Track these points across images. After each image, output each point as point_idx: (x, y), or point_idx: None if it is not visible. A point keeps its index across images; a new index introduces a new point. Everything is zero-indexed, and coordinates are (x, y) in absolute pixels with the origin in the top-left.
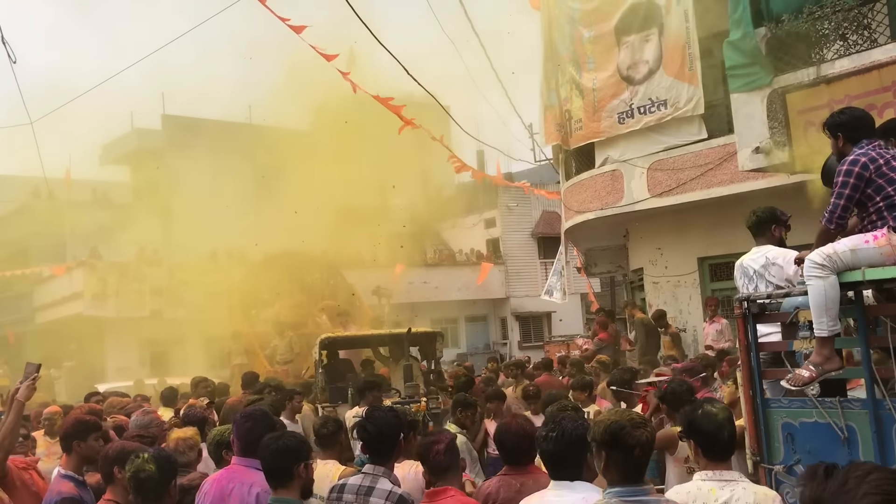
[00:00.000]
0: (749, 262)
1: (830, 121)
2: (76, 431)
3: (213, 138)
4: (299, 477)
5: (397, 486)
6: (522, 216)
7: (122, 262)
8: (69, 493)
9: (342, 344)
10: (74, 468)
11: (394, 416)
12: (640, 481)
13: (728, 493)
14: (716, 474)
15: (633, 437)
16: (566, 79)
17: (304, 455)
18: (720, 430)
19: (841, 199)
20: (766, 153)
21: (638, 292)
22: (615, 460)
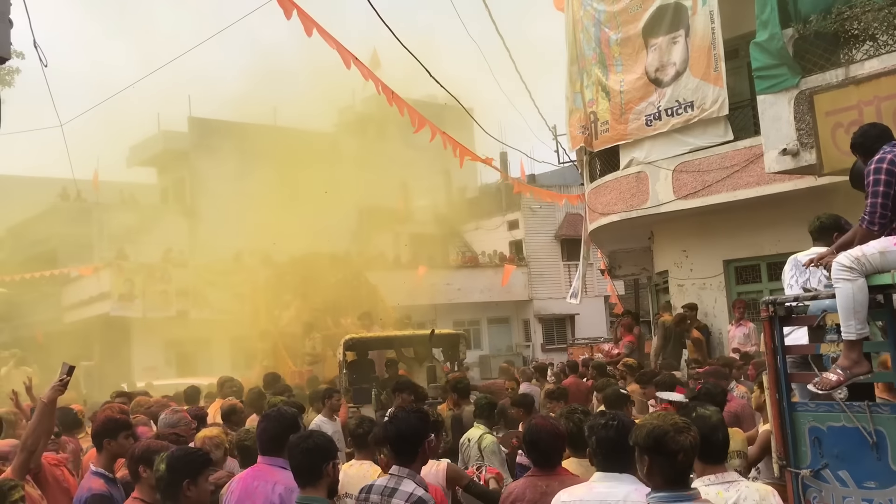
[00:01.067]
0: (804, 256)
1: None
2: (106, 430)
3: (239, 140)
4: (327, 476)
5: (422, 488)
6: (546, 218)
7: (149, 263)
8: (99, 489)
9: (366, 345)
10: (105, 465)
11: (416, 417)
12: (684, 486)
13: (735, 493)
14: (718, 477)
15: (676, 443)
16: (592, 80)
17: (332, 454)
18: (714, 432)
19: (878, 197)
20: (793, 155)
21: (663, 295)
22: (659, 465)
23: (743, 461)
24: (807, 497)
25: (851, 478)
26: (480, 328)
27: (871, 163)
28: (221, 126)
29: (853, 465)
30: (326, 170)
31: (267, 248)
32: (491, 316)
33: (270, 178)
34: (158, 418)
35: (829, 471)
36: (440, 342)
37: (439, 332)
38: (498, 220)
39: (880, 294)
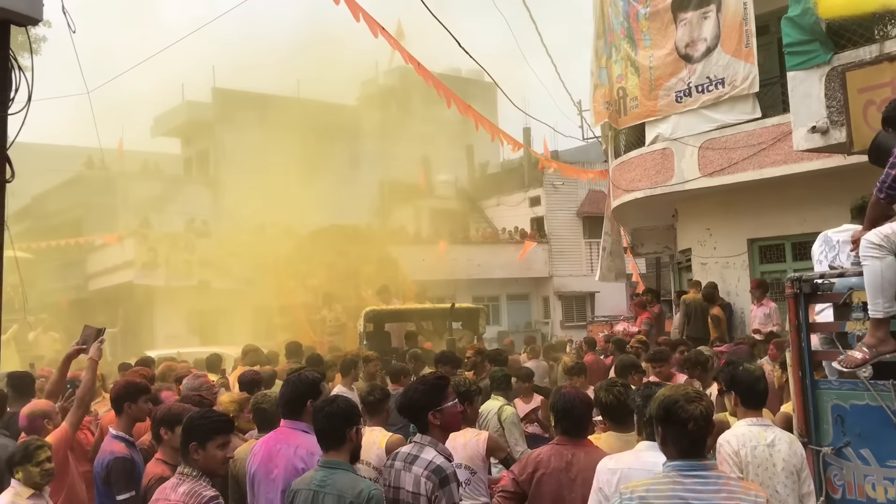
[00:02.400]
0: (834, 234)
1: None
2: (127, 393)
3: (262, 112)
4: (350, 440)
5: (442, 456)
6: (568, 195)
7: (172, 233)
8: (121, 452)
9: (386, 317)
10: (125, 429)
11: (425, 387)
12: (698, 456)
13: (771, 435)
14: (758, 420)
15: (686, 412)
16: (621, 55)
17: (355, 419)
18: (757, 382)
19: (894, 168)
20: (823, 133)
21: (685, 273)
22: (670, 435)
23: None
24: (828, 475)
25: (874, 456)
26: (500, 304)
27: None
28: (245, 97)
29: (876, 443)
30: (349, 142)
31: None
32: (510, 292)
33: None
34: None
35: (850, 449)
36: (460, 316)
37: (459, 305)
38: (520, 197)
39: None
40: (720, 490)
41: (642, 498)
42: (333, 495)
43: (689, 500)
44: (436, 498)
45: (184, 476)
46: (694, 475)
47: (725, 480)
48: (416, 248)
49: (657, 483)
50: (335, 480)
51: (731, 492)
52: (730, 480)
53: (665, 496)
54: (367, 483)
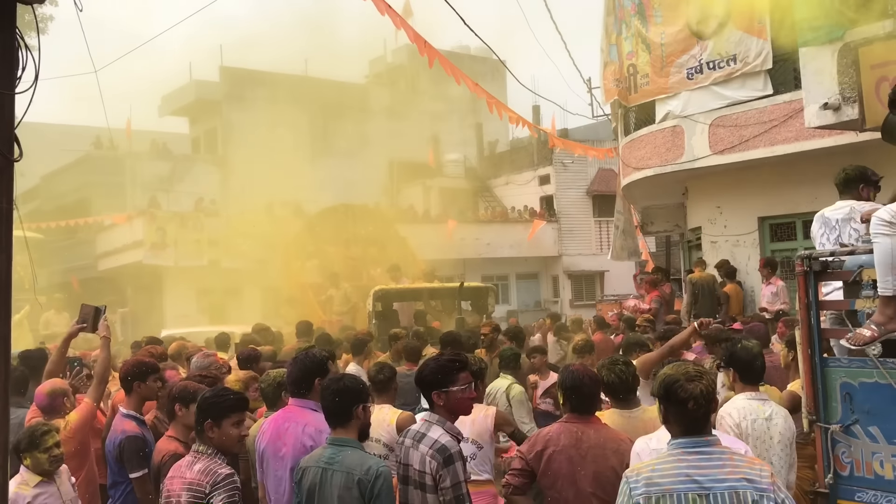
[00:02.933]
0: (831, 213)
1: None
2: (137, 372)
3: (270, 91)
4: (357, 418)
5: (449, 434)
6: (578, 173)
7: (181, 213)
8: (132, 431)
9: (395, 296)
10: (135, 407)
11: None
12: (701, 433)
13: (769, 408)
14: (756, 395)
15: (685, 391)
16: (631, 32)
17: (363, 397)
18: (756, 359)
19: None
20: (835, 109)
21: (695, 251)
22: (673, 414)
23: None
24: (836, 452)
25: (882, 433)
26: (509, 283)
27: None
28: (253, 76)
29: (884, 421)
30: (357, 121)
31: (298, 199)
32: (520, 271)
33: (301, 129)
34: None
35: (859, 426)
36: (469, 295)
37: (468, 285)
38: (529, 175)
39: None
40: (724, 465)
41: (648, 479)
42: (342, 472)
43: (693, 477)
44: (440, 477)
45: (199, 454)
46: (697, 451)
47: (729, 455)
48: (425, 227)
49: (661, 462)
50: (344, 458)
51: (736, 466)
52: (734, 455)
53: (670, 474)
54: (375, 460)
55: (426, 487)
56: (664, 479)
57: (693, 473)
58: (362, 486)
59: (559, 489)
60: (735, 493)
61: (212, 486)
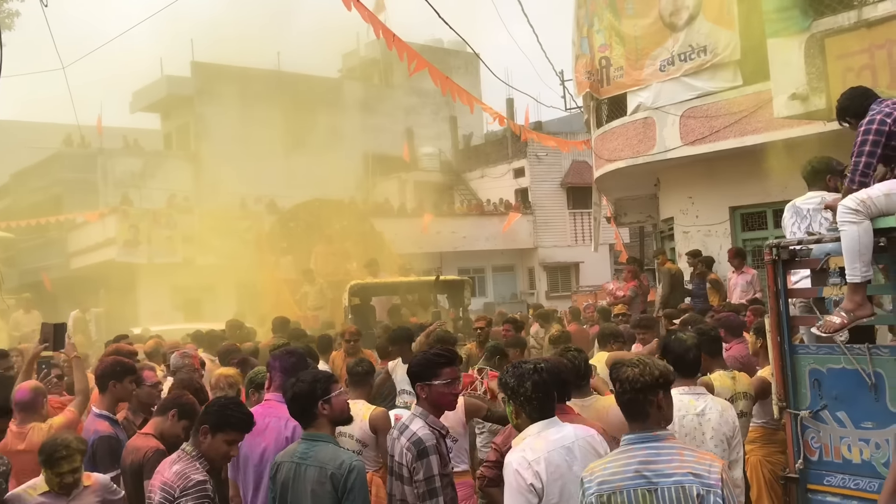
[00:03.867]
0: (803, 203)
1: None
2: (113, 372)
3: (243, 85)
4: (322, 414)
5: (429, 427)
6: (552, 166)
7: (154, 209)
8: (106, 431)
9: (371, 291)
10: (108, 407)
11: (421, 358)
12: (645, 424)
13: (703, 403)
14: (690, 389)
15: (617, 372)
16: (604, 25)
17: (321, 392)
18: (688, 351)
19: (862, 156)
20: (803, 100)
21: (668, 242)
22: (615, 397)
23: (749, 402)
24: (805, 437)
25: (849, 418)
26: (485, 276)
27: (862, 124)
28: (225, 71)
29: (851, 406)
30: (331, 115)
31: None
32: (496, 264)
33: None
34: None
35: (827, 412)
36: (445, 288)
37: (444, 278)
38: (504, 168)
39: (883, 237)
40: (672, 460)
41: (602, 478)
42: (315, 467)
43: (642, 472)
44: (414, 469)
45: (183, 454)
46: (646, 446)
47: (679, 451)
48: (401, 221)
49: (612, 460)
50: (317, 452)
51: (684, 461)
52: (683, 451)
53: (621, 472)
54: (348, 454)
55: (403, 479)
56: (615, 476)
57: (642, 469)
58: (335, 481)
59: None
60: (681, 488)
61: (181, 490)
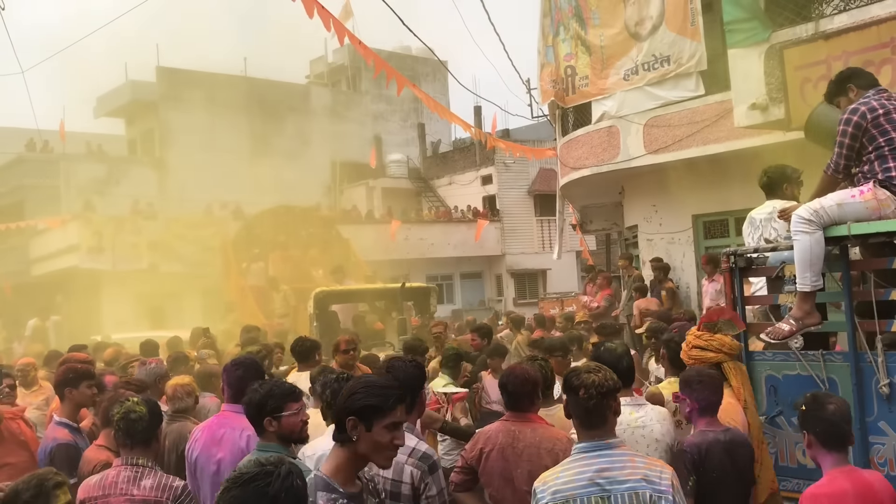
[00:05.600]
0: (756, 213)
1: (839, 77)
2: (67, 379)
3: (209, 91)
4: (269, 429)
5: (422, 442)
6: (519, 173)
7: (118, 216)
8: (64, 438)
9: (336, 298)
10: (68, 415)
11: (414, 366)
12: (600, 432)
13: (642, 413)
14: (629, 400)
15: (579, 379)
16: (570, 35)
17: (269, 409)
18: (620, 360)
19: (842, 148)
20: (762, 110)
21: (632, 249)
22: (571, 405)
23: None
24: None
25: None
26: (453, 283)
27: (846, 112)
28: (190, 76)
29: None
30: (298, 121)
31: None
32: (464, 271)
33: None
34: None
35: (782, 418)
36: (411, 295)
37: (410, 285)
38: (472, 175)
39: (836, 246)
40: (625, 466)
41: (555, 487)
42: None
43: (595, 480)
44: (426, 485)
45: (139, 467)
46: (598, 454)
47: (630, 458)
48: (368, 227)
49: (565, 469)
50: None
51: (636, 467)
52: (635, 458)
53: (573, 479)
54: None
55: (401, 497)
56: (567, 485)
57: (595, 476)
58: None
59: (497, 487)
60: (634, 494)
61: (174, 500)
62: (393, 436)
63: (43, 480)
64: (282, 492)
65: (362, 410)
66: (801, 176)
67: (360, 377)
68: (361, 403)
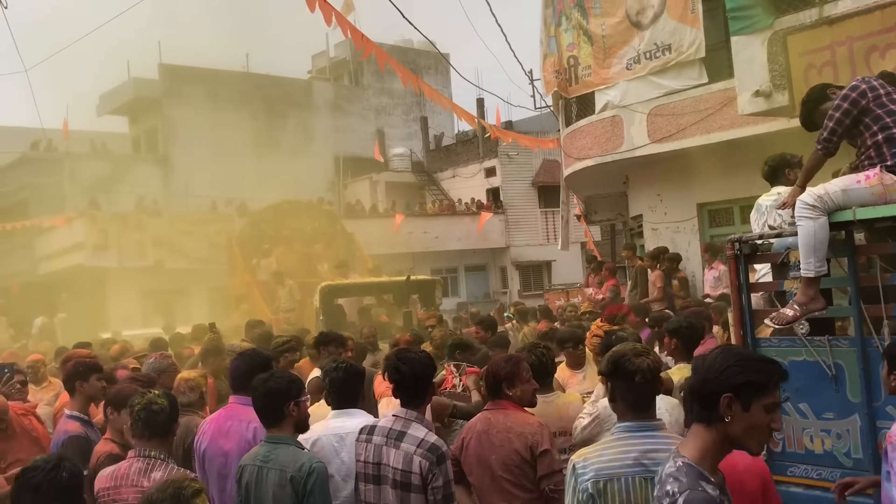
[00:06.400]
0: (763, 199)
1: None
2: (77, 372)
3: (212, 87)
4: (290, 416)
5: (431, 433)
6: (523, 165)
7: (123, 213)
8: (75, 431)
9: (342, 292)
10: (80, 408)
11: (427, 357)
12: (647, 414)
13: None
14: None
15: (633, 364)
16: (572, 24)
17: (293, 394)
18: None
19: (831, 121)
20: (766, 97)
21: (637, 239)
22: (619, 390)
23: None
24: None
25: (811, 409)
26: (458, 275)
27: (844, 88)
28: (193, 73)
29: (813, 397)
30: (301, 117)
31: (242, 196)
32: (468, 263)
33: (244, 126)
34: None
35: (790, 404)
36: (416, 288)
37: (415, 278)
38: (475, 168)
39: (842, 231)
40: (669, 448)
41: (598, 464)
42: (276, 470)
43: (641, 461)
44: (433, 476)
45: (151, 459)
46: (644, 435)
47: (674, 440)
48: (372, 221)
49: (608, 447)
50: (278, 455)
51: None
52: (678, 441)
53: (619, 459)
54: (308, 457)
55: (411, 487)
56: (612, 463)
57: (640, 457)
58: (295, 483)
59: (476, 476)
60: None
61: None
62: (771, 418)
63: (180, 488)
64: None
65: (741, 387)
66: (801, 159)
67: (727, 350)
68: (740, 380)
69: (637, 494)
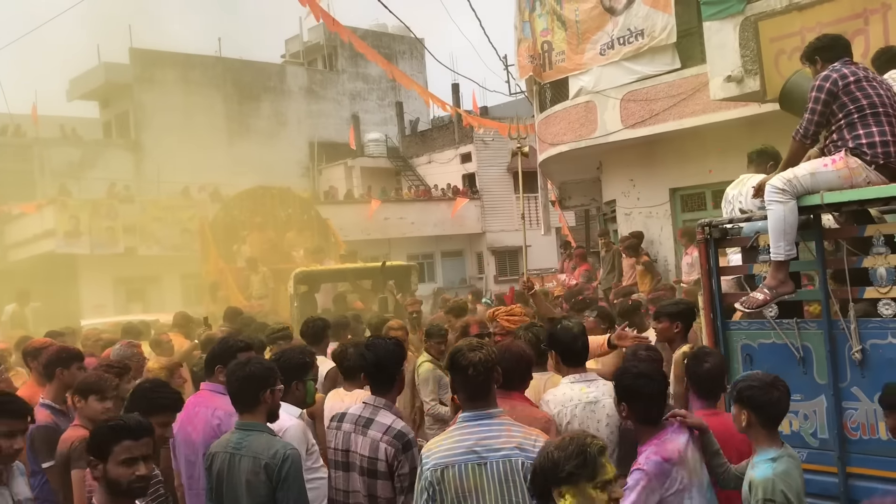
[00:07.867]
0: (730, 189)
1: (808, 48)
2: (59, 359)
3: (183, 72)
4: (265, 402)
5: (399, 420)
6: (498, 150)
7: (94, 199)
8: (44, 420)
9: (317, 278)
10: (54, 397)
11: (394, 344)
12: (483, 403)
13: (594, 389)
14: (581, 377)
15: (466, 358)
16: (546, 10)
17: (270, 381)
18: (575, 340)
19: (812, 114)
20: (738, 82)
21: (611, 224)
22: (458, 382)
23: None
24: None
25: None
26: (434, 261)
27: (817, 79)
28: (164, 57)
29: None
30: (275, 101)
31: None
32: (444, 249)
33: (217, 110)
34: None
35: None
36: (391, 274)
37: (390, 263)
38: (451, 153)
39: (810, 214)
40: (500, 435)
41: (438, 454)
42: (249, 457)
43: (473, 448)
44: (399, 463)
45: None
46: (479, 423)
47: (507, 427)
48: (347, 207)
49: (448, 437)
50: (251, 442)
51: (511, 436)
52: (511, 427)
53: (454, 447)
54: (282, 444)
55: (377, 474)
56: (448, 452)
57: (474, 445)
58: (269, 470)
59: None
60: (508, 461)
61: None
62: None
63: (584, 446)
64: None
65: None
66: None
67: None
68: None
69: (469, 480)
